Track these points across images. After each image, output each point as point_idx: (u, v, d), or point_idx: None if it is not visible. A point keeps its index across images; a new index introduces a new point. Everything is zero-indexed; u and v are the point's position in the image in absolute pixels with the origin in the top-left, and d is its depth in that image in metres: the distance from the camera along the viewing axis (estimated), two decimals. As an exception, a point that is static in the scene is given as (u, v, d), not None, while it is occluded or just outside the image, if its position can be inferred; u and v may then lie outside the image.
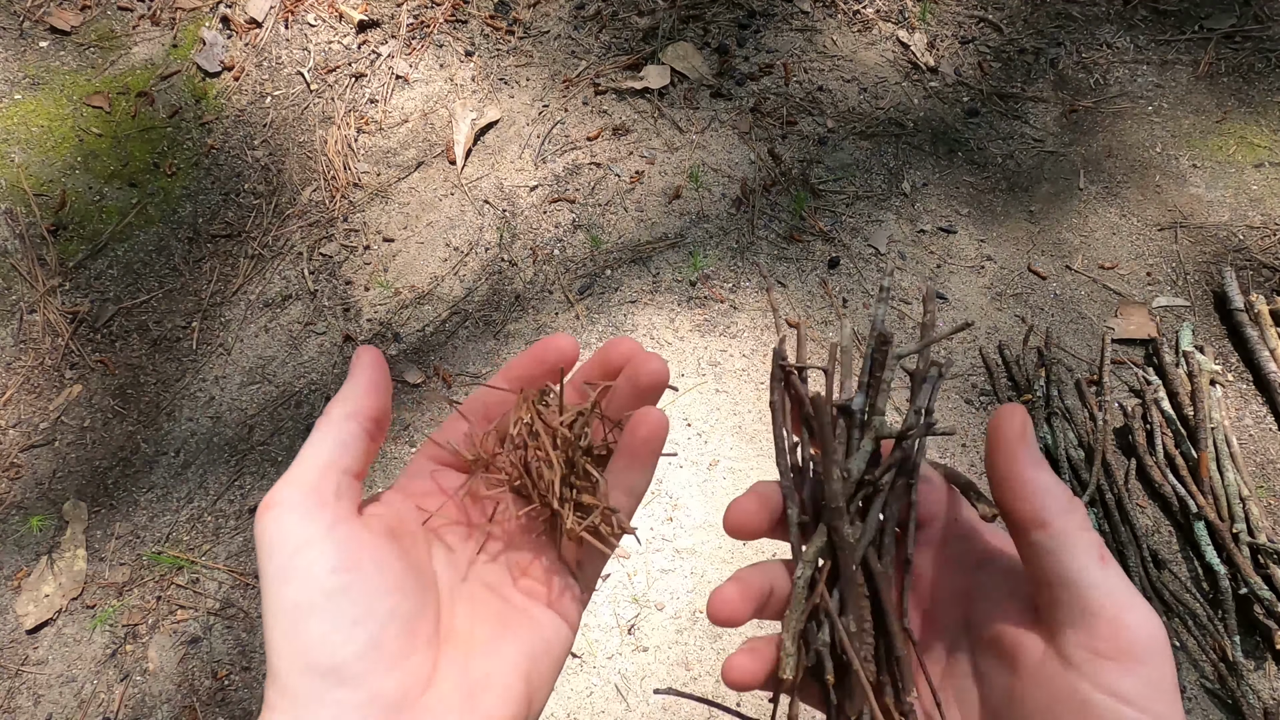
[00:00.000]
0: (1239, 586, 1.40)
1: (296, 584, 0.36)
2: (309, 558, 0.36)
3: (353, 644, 0.35)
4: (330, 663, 0.35)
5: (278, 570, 0.36)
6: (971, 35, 2.13)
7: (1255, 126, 1.96)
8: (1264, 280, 1.76)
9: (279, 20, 2.10)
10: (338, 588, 0.36)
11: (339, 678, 0.35)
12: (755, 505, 0.44)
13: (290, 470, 0.39)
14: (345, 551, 0.37)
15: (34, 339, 1.74)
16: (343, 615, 0.36)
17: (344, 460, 0.40)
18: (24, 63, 2.03)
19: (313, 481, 0.39)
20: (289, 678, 0.35)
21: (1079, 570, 0.35)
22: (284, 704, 0.35)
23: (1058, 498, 0.37)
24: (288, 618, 0.36)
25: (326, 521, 0.38)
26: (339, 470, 0.40)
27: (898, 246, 1.82)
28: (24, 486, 1.59)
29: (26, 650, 1.45)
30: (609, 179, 1.91)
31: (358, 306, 1.78)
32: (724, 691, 1.38)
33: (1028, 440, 0.39)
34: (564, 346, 0.46)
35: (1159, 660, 0.34)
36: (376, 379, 0.43)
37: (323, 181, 1.92)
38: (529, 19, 2.13)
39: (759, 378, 1.67)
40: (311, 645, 0.35)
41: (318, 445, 0.40)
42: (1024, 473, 0.38)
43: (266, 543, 0.37)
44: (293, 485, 0.38)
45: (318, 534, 0.37)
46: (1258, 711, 1.32)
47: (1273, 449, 1.58)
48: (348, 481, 0.40)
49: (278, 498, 0.38)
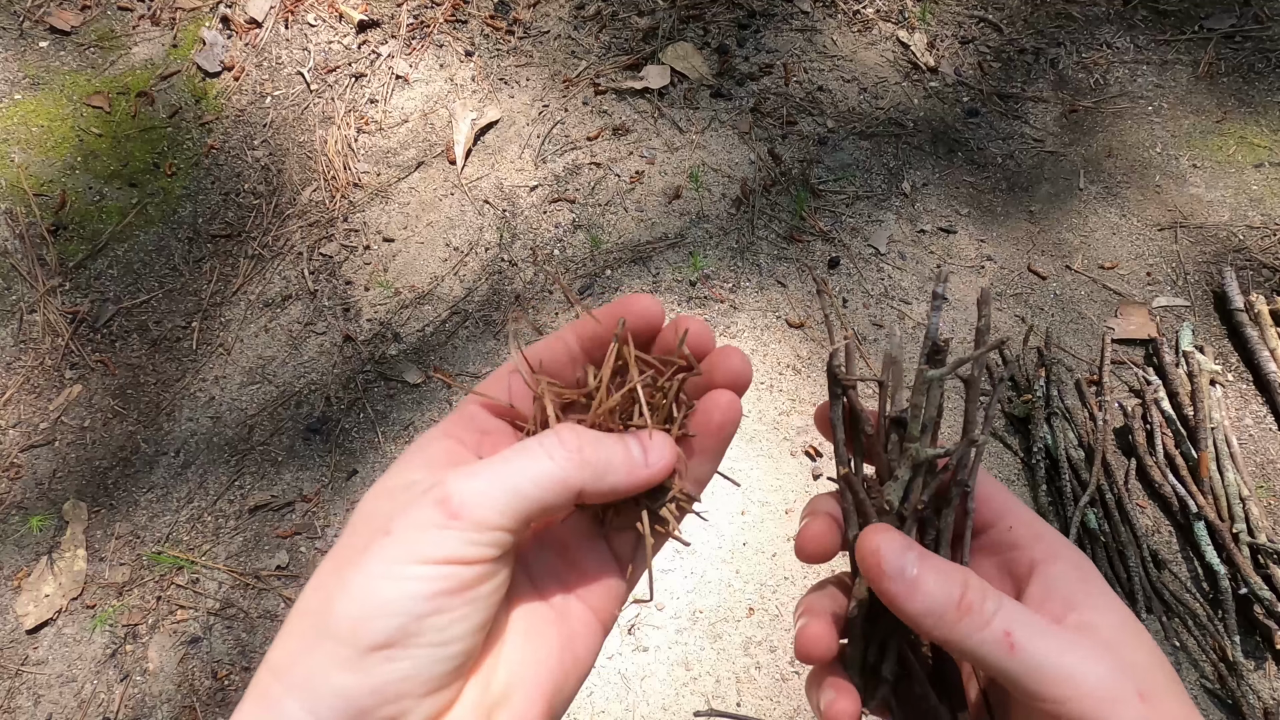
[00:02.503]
0: (1239, 586, 1.40)
1: (409, 588, 0.34)
2: (438, 574, 0.34)
3: (410, 663, 0.34)
4: (378, 671, 0.33)
5: (399, 566, 0.34)
6: (971, 35, 2.13)
7: (1255, 126, 1.96)
8: (1264, 280, 1.76)
9: (279, 20, 2.10)
10: (440, 611, 0.34)
11: (377, 688, 0.33)
12: (824, 528, 0.43)
13: (492, 483, 0.36)
14: (469, 586, 0.35)
15: (34, 339, 1.74)
16: (422, 636, 0.34)
17: (539, 518, 0.37)
18: (24, 63, 2.03)
19: (506, 522, 0.36)
20: (325, 663, 0.33)
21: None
22: (302, 685, 0.33)
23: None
24: (373, 606, 0.33)
25: (476, 555, 0.35)
26: (529, 523, 0.37)
27: (898, 246, 1.82)
28: (24, 486, 1.59)
29: (26, 650, 1.45)
30: (609, 179, 1.91)
31: (358, 306, 1.78)
32: (752, 702, 1.38)
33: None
34: (647, 308, 0.42)
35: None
36: (636, 485, 0.40)
37: (323, 181, 1.92)
38: (529, 19, 2.13)
39: (759, 378, 1.67)
40: (376, 644, 0.33)
41: (533, 484, 0.36)
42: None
43: (416, 537, 0.35)
44: (485, 508, 0.35)
45: (464, 560, 0.35)
46: (1258, 711, 1.32)
47: (1273, 449, 1.58)
48: (523, 528, 0.37)
49: (466, 510, 0.35)
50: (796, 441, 1.59)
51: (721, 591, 1.46)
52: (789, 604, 1.45)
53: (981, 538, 0.43)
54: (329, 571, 0.36)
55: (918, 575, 0.36)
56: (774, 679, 1.39)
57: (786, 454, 1.58)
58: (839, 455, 0.43)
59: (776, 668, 1.40)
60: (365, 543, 0.35)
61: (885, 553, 0.37)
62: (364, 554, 0.35)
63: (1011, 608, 0.36)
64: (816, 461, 1.58)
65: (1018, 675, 0.35)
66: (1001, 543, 0.42)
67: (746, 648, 1.41)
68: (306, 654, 0.33)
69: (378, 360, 1.71)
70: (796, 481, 1.56)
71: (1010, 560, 0.41)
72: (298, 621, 0.35)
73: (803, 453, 1.59)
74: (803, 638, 0.41)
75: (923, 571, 0.37)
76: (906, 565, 0.37)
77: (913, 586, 0.36)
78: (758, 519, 1.52)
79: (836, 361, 0.43)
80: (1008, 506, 0.42)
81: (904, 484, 0.41)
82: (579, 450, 0.38)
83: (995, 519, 0.42)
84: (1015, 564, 0.41)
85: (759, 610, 1.44)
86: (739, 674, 1.39)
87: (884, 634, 0.41)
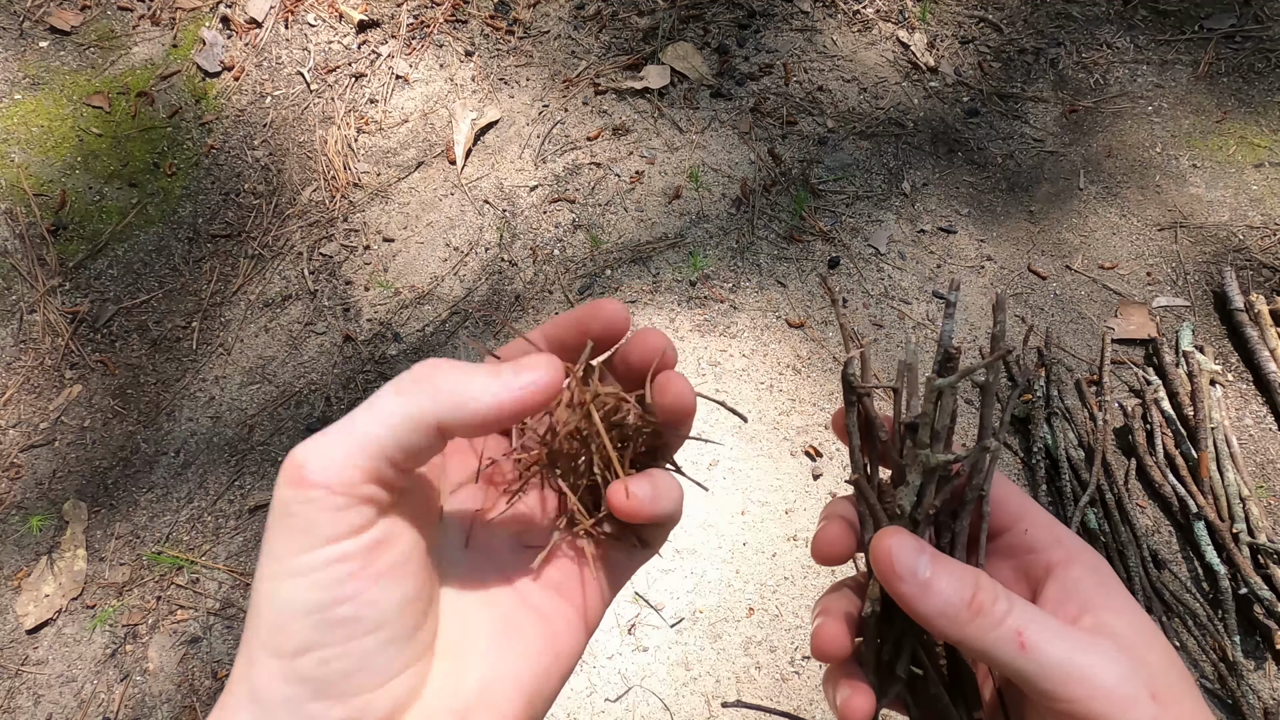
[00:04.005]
0: (1239, 586, 1.40)
1: (305, 584, 0.32)
2: (327, 558, 0.32)
3: (346, 661, 0.32)
4: (315, 675, 0.31)
5: (288, 562, 0.32)
6: (971, 35, 2.13)
7: (1255, 126, 1.96)
8: (1264, 280, 1.76)
9: (279, 20, 2.10)
10: (348, 598, 0.32)
11: (319, 691, 0.32)
12: (840, 531, 0.43)
13: (335, 439, 0.33)
14: (369, 560, 0.33)
15: (34, 339, 1.74)
16: (344, 630, 0.32)
17: (402, 460, 0.34)
18: (24, 63, 2.03)
19: (356, 472, 0.33)
20: (264, 676, 0.32)
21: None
22: (249, 699, 0.32)
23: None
24: (280, 613, 0.32)
25: (358, 523, 0.33)
26: (391, 467, 0.34)
27: (898, 246, 1.82)
28: (24, 486, 1.59)
29: (26, 650, 1.45)
30: (609, 179, 1.91)
31: (358, 306, 1.78)
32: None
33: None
34: (612, 316, 0.41)
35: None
36: (513, 408, 0.35)
37: (323, 181, 1.92)
38: (529, 19, 2.13)
39: (759, 378, 1.67)
40: (297, 652, 0.31)
41: (378, 427, 0.33)
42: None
43: (286, 525, 0.32)
44: (333, 466, 0.32)
45: (345, 535, 0.32)
46: (1258, 711, 1.32)
47: (1273, 449, 1.58)
48: (395, 478, 0.34)
49: (313, 474, 0.32)
50: (796, 441, 1.59)
51: (721, 591, 1.46)
52: (789, 604, 1.45)
53: (998, 541, 0.43)
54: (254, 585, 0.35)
55: (930, 577, 0.37)
56: (774, 679, 1.39)
57: (786, 454, 1.58)
58: (854, 461, 0.44)
59: (776, 668, 1.40)
60: (263, 548, 0.34)
61: (898, 554, 0.37)
62: (261, 560, 0.33)
63: (1023, 608, 0.36)
64: (816, 461, 1.58)
65: (1030, 674, 0.35)
66: (1018, 545, 0.42)
67: (746, 648, 1.41)
68: (249, 668, 0.32)
69: (378, 360, 1.71)
70: (796, 481, 1.56)
71: (1027, 563, 0.41)
72: (245, 635, 0.34)
73: (803, 453, 1.59)
74: (818, 637, 0.41)
75: (935, 573, 0.37)
76: (919, 567, 0.37)
77: (925, 588, 0.36)
78: (758, 519, 1.52)
79: (851, 369, 0.43)
80: (1024, 509, 0.42)
81: (916, 489, 0.41)
82: (431, 379, 0.35)
83: (1012, 522, 0.42)
84: (1032, 567, 0.41)
85: (759, 610, 1.44)
86: (739, 674, 1.39)
87: (899, 634, 0.41)
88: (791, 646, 1.41)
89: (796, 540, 1.50)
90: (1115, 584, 0.39)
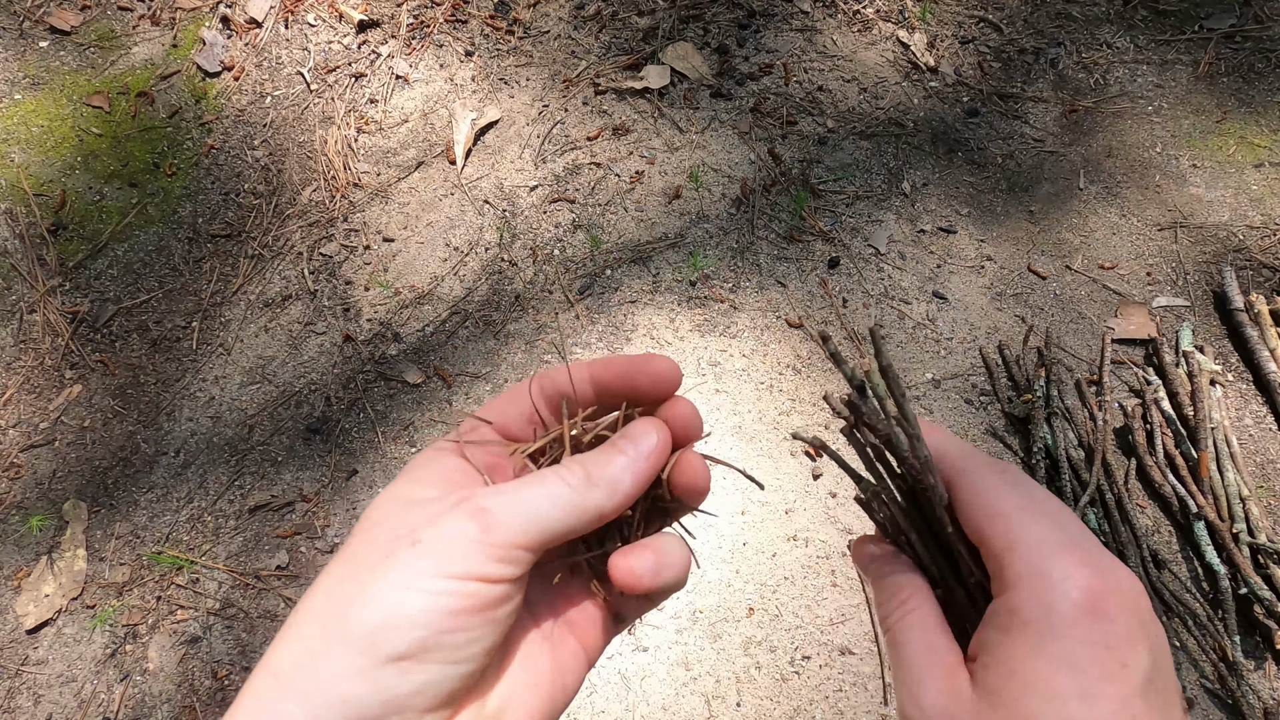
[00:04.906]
0: (1239, 586, 1.40)
1: (434, 601, 0.34)
2: (464, 590, 0.34)
3: (423, 677, 0.33)
4: (390, 684, 0.33)
5: (427, 577, 0.34)
6: (971, 35, 2.13)
7: (1255, 126, 1.96)
8: (1264, 280, 1.76)
9: (279, 20, 2.10)
10: (460, 628, 0.34)
11: (386, 700, 0.33)
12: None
13: (522, 502, 0.37)
14: (488, 605, 0.35)
15: (34, 339, 1.74)
16: (440, 652, 0.34)
17: (558, 540, 0.38)
18: (24, 63, 2.03)
19: (529, 541, 0.36)
20: (336, 671, 0.32)
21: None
22: (303, 691, 0.32)
23: None
24: (395, 616, 0.33)
25: (501, 575, 0.36)
26: (548, 544, 0.38)
27: (898, 246, 1.82)
28: (24, 486, 1.59)
29: (26, 650, 1.45)
30: (609, 179, 1.91)
31: (358, 306, 1.78)
32: (752, 703, 1.38)
33: None
34: (663, 373, 0.43)
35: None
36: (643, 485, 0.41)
37: (323, 181, 1.92)
38: (529, 19, 2.13)
39: (759, 378, 1.67)
40: (395, 655, 0.33)
41: (559, 510, 0.37)
42: None
43: (444, 550, 0.35)
44: (512, 525, 0.36)
45: (490, 578, 0.35)
46: (1258, 711, 1.32)
47: (1273, 449, 1.58)
48: (542, 547, 0.38)
49: (495, 527, 0.36)
50: (796, 442, 1.59)
51: (721, 591, 1.46)
52: (789, 604, 1.45)
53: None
54: (343, 576, 0.35)
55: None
56: (774, 679, 1.39)
57: (786, 454, 1.58)
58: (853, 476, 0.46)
59: (776, 668, 1.40)
60: (387, 550, 0.35)
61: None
62: (386, 562, 0.34)
63: None
64: (816, 461, 1.58)
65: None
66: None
67: (746, 648, 1.41)
68: (313, 659, 0.33)
69: (378, 360, 1.71)
70: (796, 481, 1.56)
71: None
72: (304, 625, 0.34)
73: (803, 453, 1.59)
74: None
75: None
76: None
77: None
78: (758, 519, 1.52)
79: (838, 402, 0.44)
80: (1017, 534, 0.39)
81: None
82: (585, 472, 0.39)
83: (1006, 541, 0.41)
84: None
85: (759, 610, 1.44)
86: (739, 674, 1.39)
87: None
88: (791, 646, 1.41)
89: (796, 540, 1.50)
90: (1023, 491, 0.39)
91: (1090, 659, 0.32)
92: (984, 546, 0.37)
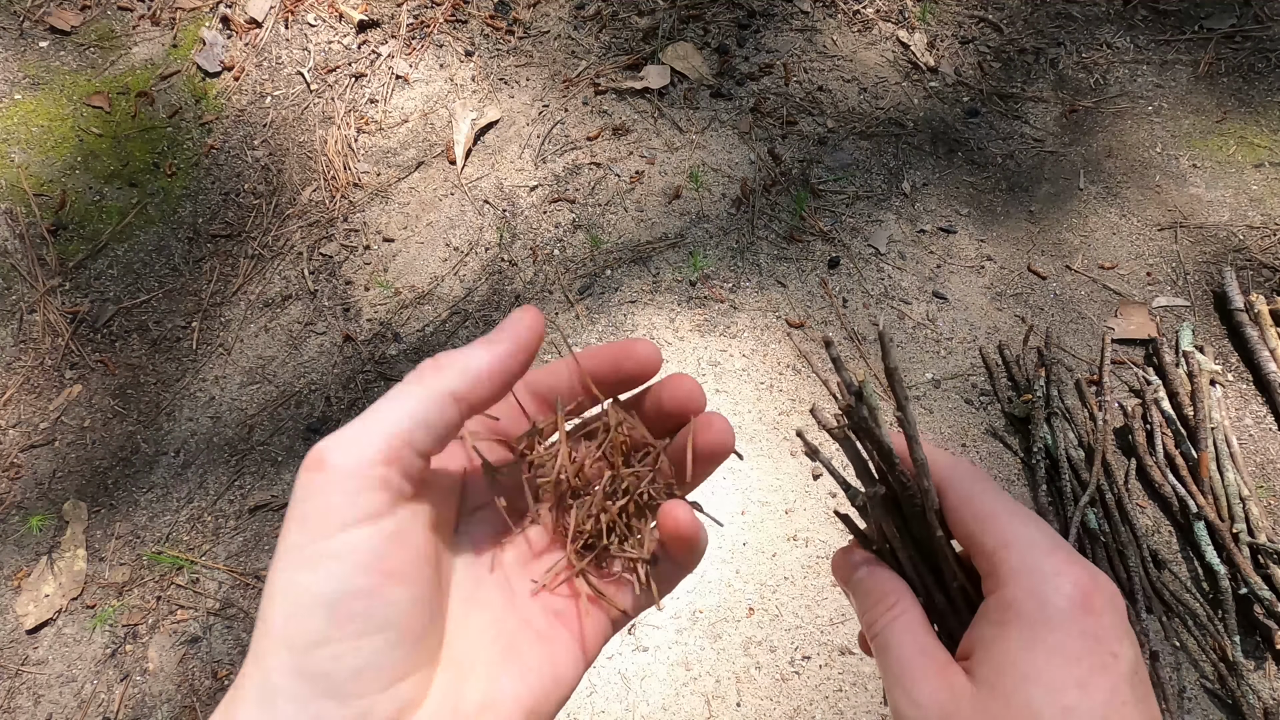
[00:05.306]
0: (1239, 586, 1.40)
1: (320, 574, 0.32)
2: (343, 547, 0.33)
3: (356, 658, 0.32)
4: (324, 670, 0.32)
5: (305, 550, 0.33)
6: (971, 35, 2.13)
7: (1255, 126, 1.96)
8: (1264, 280, 1.76)
9: (279, 20, 2.10)
10: (362, 592, 0.33)
11: (328, 689, 0.32)
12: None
13: (356, 428, 0.34)
14: (384, 554, 0.33)
15: (34, 339, 1.74)
16: (356, 625, 0.32)
17: (422, 440, 0.35)
18: (24, 63, 2.03)
19: (376, 454, 0.34)
20: (274, 671, 0.32)
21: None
22: (257, 694, 0.32)
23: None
24: (296, 604, 0.32)
25: (375, 509, 0.34)
26: (412, 450, 0.35)
27: (898, 246, 1.82)
28: (24, 486, 1.59)
29: (26, 650, 1.45)
30: (609, 179, 1.91)
31: (358, 306, 1.78)
32: (752, 703, 1.38)
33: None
34: (645, 356, 0.42)
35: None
36: (509, 361, 0.38)
37: (323, 181, 1.92)
38: (529, 19, 2.13)
39: (759, 378, 1.67)
40: (310, 645, 0.32)
41: (397, 411, 0.35)
42: None
43: (303, 511, 0.33)
44: (353, 451, 0.33)
45: (362, 521, 0.33)
46: (1258, 711, 1.32)
47: (1273, 449, 1.58)
48: (415, 464, 0.35)
49: (333, 459, 0.33)
50: (796, 441, 1.59)
51: (721, 591, 1.46)
52: (789, 604, 1.45)
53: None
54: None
55: None
56: (774, 679, 1.39)
57: (786, 454, 1.58)
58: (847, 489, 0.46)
59: (776, 668, 1.40)
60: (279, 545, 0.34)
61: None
62: (277, 553, 0.34)
63: None
64: (816, 461, 1.57)
65: None
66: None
67: (746, 648, 1.41)
68: (259, 663, 0.32)
69: (378, 360, 1.71)
70: (796, 481, 1.56)
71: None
72: (256, 631, 0.34)
73: (802, 453, 1.59)
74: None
75: None
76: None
77: None
78: (758, 519, 1.52)
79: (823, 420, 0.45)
80: (1006, 535, 0.40)
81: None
82: (437, 362, 0.37)
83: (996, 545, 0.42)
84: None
85: (759, 610, 1.44)
86: (739, 674, 1.39)
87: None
88: (791, 646, 1.41)
89: (796, 540, 1.50)
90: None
91: (1084, 650, 0.34)
92: (975, 547, 0.38)
